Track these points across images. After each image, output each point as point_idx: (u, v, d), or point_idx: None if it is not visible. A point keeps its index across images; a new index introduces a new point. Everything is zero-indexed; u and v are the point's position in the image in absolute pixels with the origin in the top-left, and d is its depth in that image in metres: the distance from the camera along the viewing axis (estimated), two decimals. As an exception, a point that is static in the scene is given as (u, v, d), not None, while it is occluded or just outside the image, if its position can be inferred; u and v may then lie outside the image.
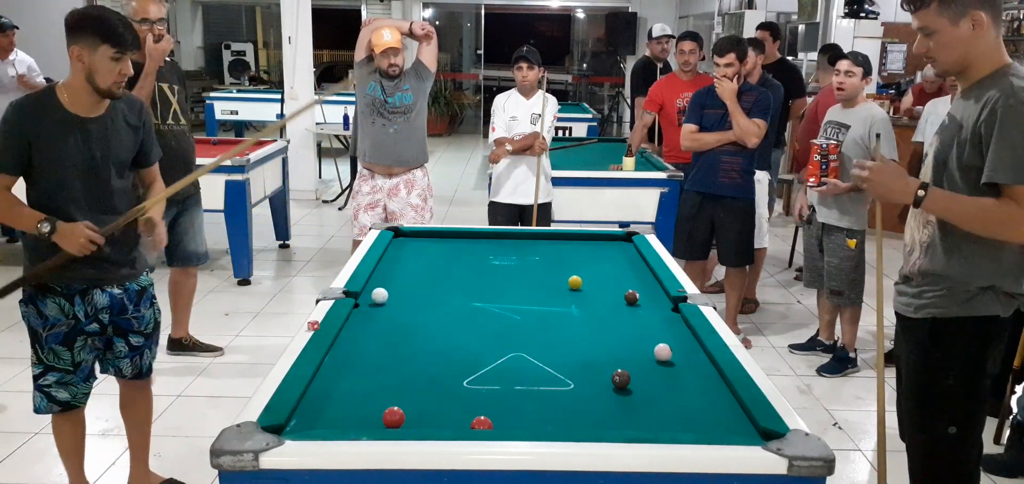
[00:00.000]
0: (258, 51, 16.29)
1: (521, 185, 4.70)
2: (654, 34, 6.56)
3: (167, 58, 3.94)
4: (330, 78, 14.60)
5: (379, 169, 4.65)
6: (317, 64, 10.24)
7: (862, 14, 8.23)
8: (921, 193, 2.14)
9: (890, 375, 4.23)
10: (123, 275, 2.73)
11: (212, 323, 4.80)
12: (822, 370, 4.37)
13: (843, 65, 4.18)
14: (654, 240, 3.45)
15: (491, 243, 3.53)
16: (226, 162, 3.00)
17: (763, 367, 2.10)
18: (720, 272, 5.30)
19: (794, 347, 4.67)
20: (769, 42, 5.67)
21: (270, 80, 14.97)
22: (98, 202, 2.61)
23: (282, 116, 8.75)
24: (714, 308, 2.57)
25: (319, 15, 8.68)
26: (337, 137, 9.06)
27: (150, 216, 2.72)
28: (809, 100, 6.02)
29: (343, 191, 8.38)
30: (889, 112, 7.23)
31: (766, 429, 1.72)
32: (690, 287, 2.78)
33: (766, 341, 4.79)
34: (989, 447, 3.19)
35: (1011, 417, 3.38)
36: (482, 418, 1.76)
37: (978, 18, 2.10)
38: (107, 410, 3.39)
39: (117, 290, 2.72)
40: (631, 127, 6.91)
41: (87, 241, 2.50)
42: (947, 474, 2.39)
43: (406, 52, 4.58)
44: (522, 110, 4.69)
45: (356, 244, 4.06)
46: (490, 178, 4.86)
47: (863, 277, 4.29)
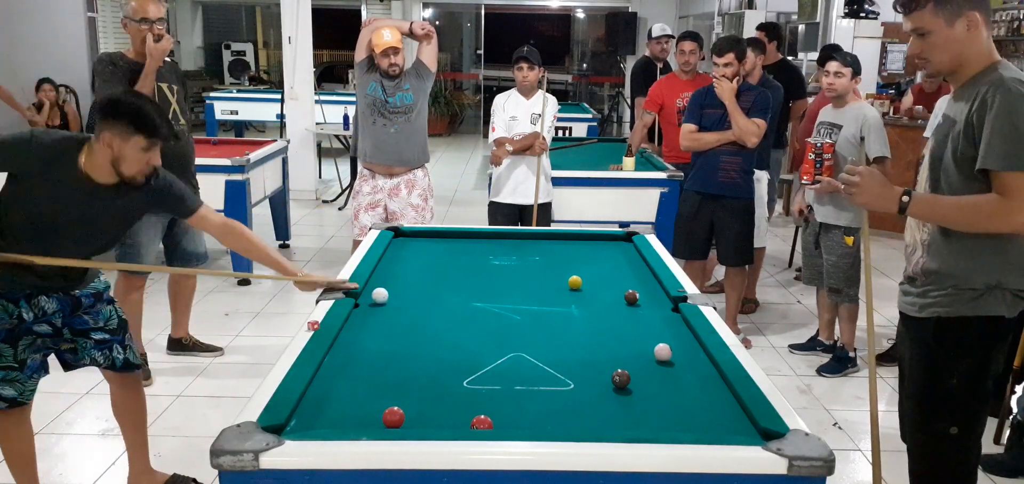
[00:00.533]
0: (258, 51, 16.30)
1: (521, 185, 4.70)
2: (654, 34, 6.56)
3: (167, 58, 3.94)
4: (330, 78, 14.60)
5: (380, 169, 4.65)
6: (317, 64, 10.24)
7: (862, 14, 8.22)
8: (905, 199, 2.15)
9: (889, 374, 4.28)
10: (68, 285, 2.68)
11: (212, 323, 4.80)
12: (822, 370, 4.37)
13: (832, 66, 4.20)
14: (654, 240, 3.45)
15: (491, 243, 3.54)
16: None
17: (763, 367, 2.10)
18: (720, 272, 5.30)
19: (794, 347, 4.67)
20: (767, 43, 5.67)
21: (270, 80, 14.97)
22: (56, 251, 2.54)
23: (282, 117, 8.74)
24: (714, 308, 2.57)
25: (319, 15, 8.68)
26: (337, 137, 9.07)
27: (300, 280, 2.74)
28: (810, 100, 6.02)
29: (343, 191, 8.38)
30: (889, 112, 7.23)
31: (766, 429, 1.73)
32: (690, 287, 2.78)
33: (766, 341, 4.79)
34: (989, 447, 3.18)
35: (1011, 417, 3.38)
36: (482, 418, 1.77)
37: (973, 18, 2.11)
38: (107, 410, 3.38)
39: (63, 295, 2.67)
40: (631, 127, 6.91)
41: None
42: (947, 475, 2.38)
43: (406, 52, 4.58)
44: (522, 110, 4.69)
45: (356, 244, 4.06)
46: (490, 178, 4.86)
47: (860, 275, 4.29)
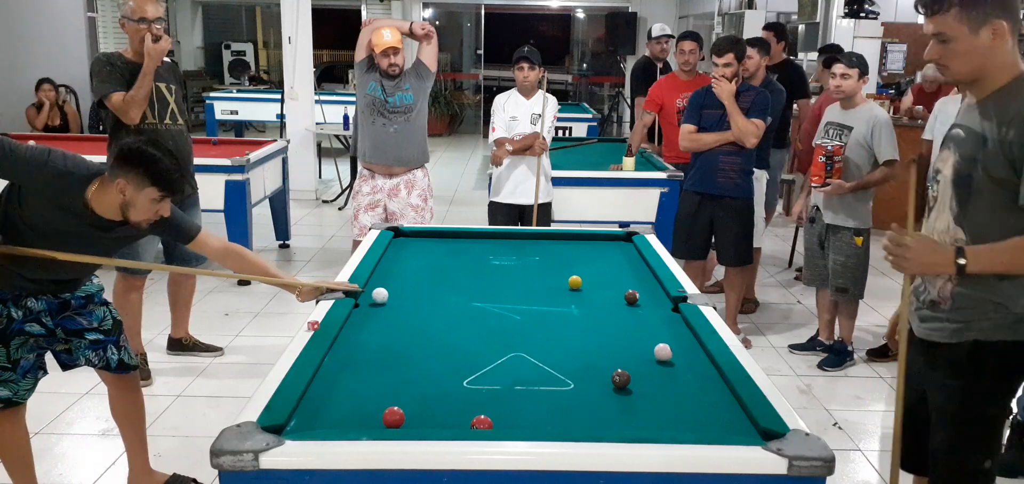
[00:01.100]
0: (258, 51, 16.30)
1: (521, 185, 4.70)
2: (654, 34, 6.56)
3: (165, 58, 3.95)
4: (330, 78, 14.59)
5: (379, 169, 4.65)
6: (317, 64, 10.24)
7: (862, 14, 8.22)
8: (962, 261, 1.96)
9: (887, 373, 4.28)
10: (56, 288, 2.68)
11: (212, 323, 4.80)
12: (822, 364, 4.39)
13: (838, 69, 4.19)
14: (654, 240, 3.45)
15: (491, 243, 3.54)
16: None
17: (763, 367, 2.10)
18: (720, 272, 5.30)
19: (794, 347, 4.67)
20: (774, 43, 5.67)
21: (270, 80, 14.96)
22: (46, 267, 2.55)
23: (282, 117, 8.75)
24: (714, 308, 2.57)
25: (319, 15, 8.68)
26: (337, 137, 9.07)
27: (303, 290, 2.68)
28: (812, 100, 6.02)
29: (343, 191, 8.39)
30: (889, 111, 7.24)
31: (766, 429, 1.73)
32: (690, 287, 2.78)
33: (766, 341, 4.79)
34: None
35: (1011, 417, 3.38)
36: (482, 418, 1.77)
37: (999, 28, 1.97)
38: (107, 410, 3.37)
39: (51, 297, 2.68)
40: (631, 127, 6.90)
41: None
42: None
43: (406, 52, 4.58)
44: (522, 110, 4.69)
45: (356, 244, 4.06)
46: (490, 178, 4.86)
47: (866, 275, 4.31)
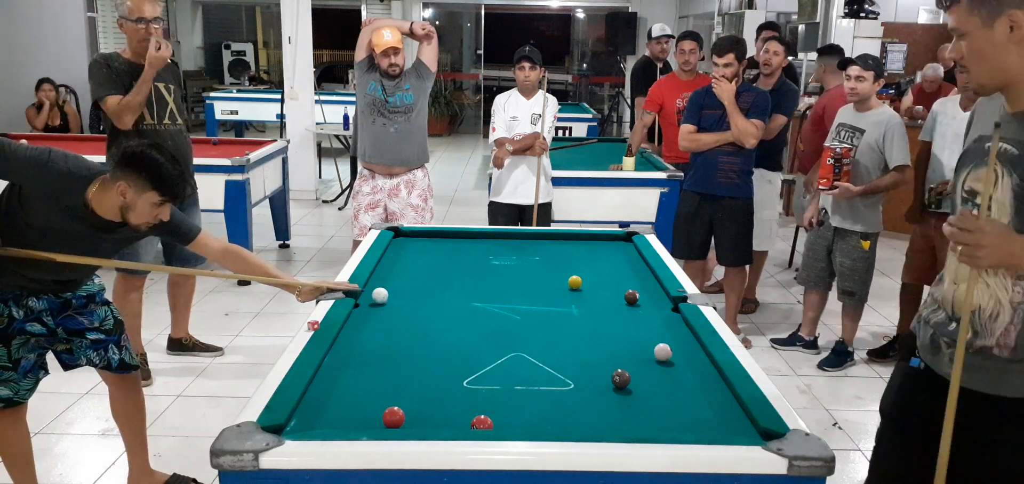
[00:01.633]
0: (258, 51, 16.30)
1: (521, 185, 4.70)
2: (654, 34, 6.56)
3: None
4: (330, 78, 14.59)
5: (380, 169, 4.65)
6: (317, 64, 10.24)
7: (862, 14, 8.23)
8: None
9: (886, 371, 4.27)
10: (57, 287, 2.69)
11: (212, 323, 4.80)
12: (823, 364, 4.39)
13: (854, 70, 4.17)
14: (654, 240, 3.45)
15: (491, 243, 3.54)
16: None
17: (763, 367, 2.10)
18: (720, 272, 5.30)
19: (776, 341, 4.70)
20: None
21: (270, 80, 14.97)
22: (47, 267, 2.56)
23: (282, 117, 8.75)
24: (714, 308, 2.57)
25: (319, 15, 8.68)
26: (337, 137, 9.07)
27: (304, 291, 2.69)
28: (812, 99, 6.01)
29: (343, 191, 8.39)
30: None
31: (766, 429, 1.73)
32: (690, 287, 2.78)
33: (766, 341, 4.79)
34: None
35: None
36: (482, 418, 1.77)
37: (1018, 20, 1.67)
38: (107, 410, 3.37)
39: (53, 296, 2.68)
40: (631, 127, 6.90)
41: None
42: None
43: (406, 52, 4.58)
44: (522, 110, 4.69)
45: (356, 244, 4.06)
46: (490, 178, 4.86)
47: (871, 278, 4.32)
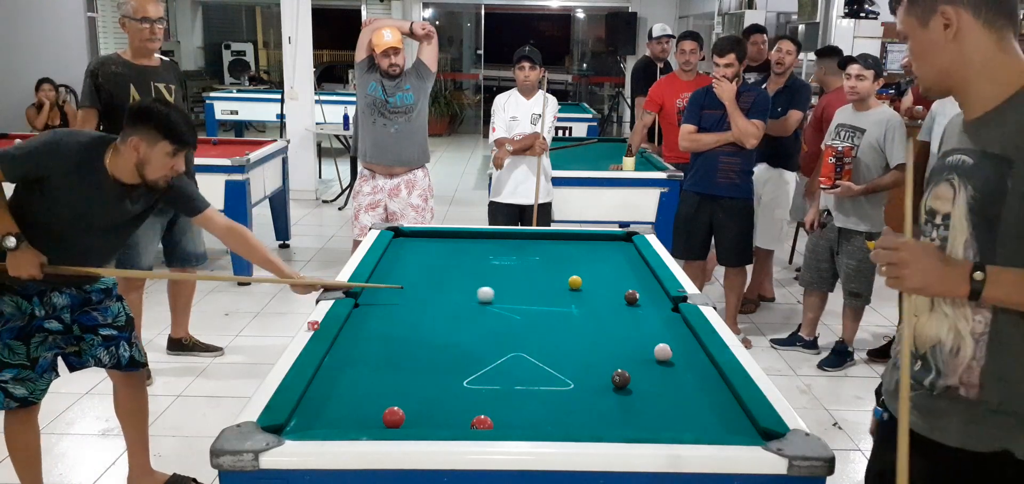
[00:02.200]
0: (258, 51, 16.29)
1: (521, 185, 4.70)
2: (654, 34, 6.56)
3: (165, 58, 3.95)
4: (330, 78, 14.59)
5: (380, 169, 4.65)
6: (317, 64, 10.24)
7: (862, 14, 8.22)
8: (979, 276, 1.46)
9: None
10: (81, 281, 2.72)
11: (212, 323, 4.80)
12: (822, 364, 4.39)
13: (854, 69, 4.16)
14: (654, 240, 3.45)
15: (491, 243, 3.54)
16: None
17: (763, 367, 2.10)
18: (720, 273, 5.30)
19: (776, 341, 4.70)
20: (761, 44, 5.69)
21: (270, 80, 14.96)
22: (79, 255, 2.62)
23: (282, 117, 8.74)
24: (714, 308, 2.57)
25: (319, 15, 8.67)
26: (337, 137, 9.07)
27: (296, 283, 2.80)
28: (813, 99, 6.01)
29: (343, 191, 8.39)
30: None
31: (766, 429, 1.73)
32: (690, 287, 2.78)
33: (766, 341, 4.79)
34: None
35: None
36: (482, 418, 1.77)
37: (952, 17, 1.53)
38: (107, 410, 3.38)
39: (75, 291, 2.72)
40: (631, 127, 6.90)
41: (28, 275, 2.51)
42: None
43: (406, 52, 4.58)
44: (522, 110, 4.69)
45: (356, 244, 4.06)
46: (490, 178, 4.86)
47: (874, 278, 4.32)
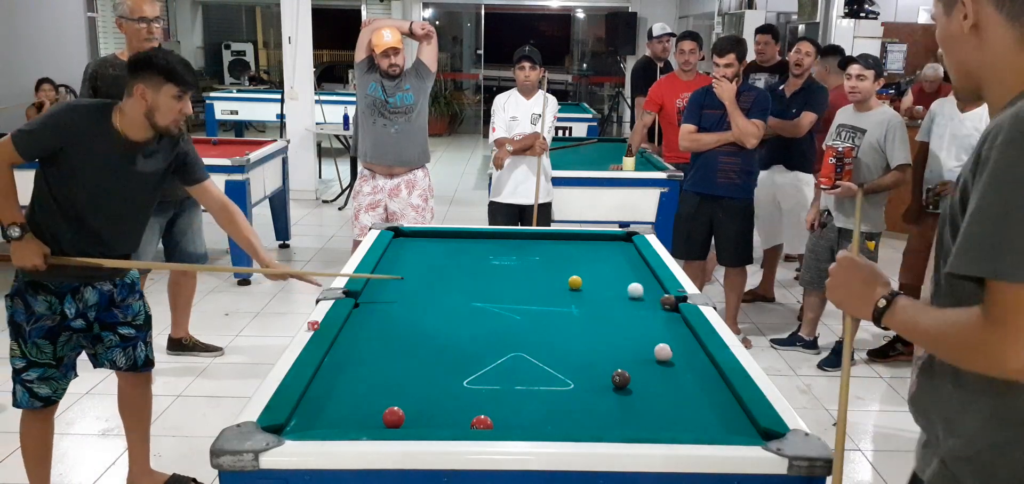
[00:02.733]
0: (258, 51, 16.28)
1: (521, 185, 4.70)
2: (654, 34, 6.56)
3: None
4: (330, 78, 14.58)
5: (380, 169, 4.65)
6: (317, 64, 10.24)
7: (862, 14, 8.22)
8: (881, 303, 1.40)
9: (885, 371, 4.28)
10: (113, 273, 2.76)
11: (212, 323, 4.80)
12: (822, 364, 4.40)
13: (854, 69, 4.17)
14: (654, 240, 3.45)
15: (491, 243, 3.54)
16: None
17: (763, 367, 2.10)
18: (720, 273, 5.29)
19: (776, 341, 4.70)
20: (772, 45, 5.68)
21: (270, 80, 14.96)
22: (97, 240, 2.66)
23: (282, 117, 8.74)
24: (714, 308, 2.57)
25: (319, 15, 8.67)
26: (337, 137, 9.07)
27: (271, 272, 2.88)
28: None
29: (343, 191, 8.39)
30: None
31: (766, 429, 1.73)
32: (690, 287, 2.78)
33: (766, 341, 4.79)
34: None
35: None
36: (482, 418, 1.77)
37: (971, 10, 1.33)
38: (107, 410, 3.39)
39: (107, 286, 2.76)
40: (631, 127, 6.90)
41: (32, 265, 2.54)
42: None
43: (406, 52, 4.58)
44: (522, 110, 4.69)
45: (356, 244, 4.06)
46: (490, 178, 4.86)
47: None
